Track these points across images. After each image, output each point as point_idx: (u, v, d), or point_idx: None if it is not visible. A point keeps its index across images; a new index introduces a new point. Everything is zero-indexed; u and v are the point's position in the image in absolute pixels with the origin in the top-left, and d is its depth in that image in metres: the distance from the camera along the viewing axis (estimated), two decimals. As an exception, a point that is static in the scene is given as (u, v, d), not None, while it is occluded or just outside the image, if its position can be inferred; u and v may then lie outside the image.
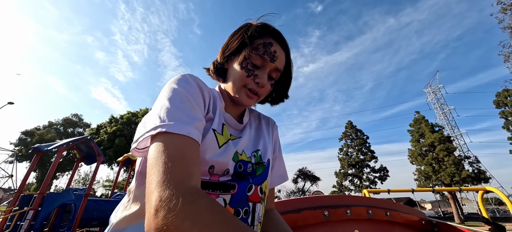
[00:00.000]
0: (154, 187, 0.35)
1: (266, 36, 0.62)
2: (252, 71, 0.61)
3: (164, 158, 0.39)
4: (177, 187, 0.34)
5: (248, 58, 0.61)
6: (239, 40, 0.64)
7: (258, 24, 0.65)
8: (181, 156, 0.40)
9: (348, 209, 0.87)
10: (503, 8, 17.31)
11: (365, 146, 32.72)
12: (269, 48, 0.61)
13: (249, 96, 0.62)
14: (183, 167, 0.38)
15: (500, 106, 27.67)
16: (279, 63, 0.63)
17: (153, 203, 0.33)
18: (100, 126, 25.89)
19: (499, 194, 4.43)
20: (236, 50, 0.64)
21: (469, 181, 24.44)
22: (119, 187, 28.62)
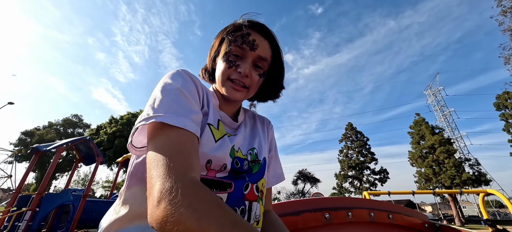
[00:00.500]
0: (155, 180, 0.35)
1: (243, 29, 0.63)
2: (234, 62, 0.61)
3: (163, 150, 0.39)
4: (177, 179, 0.34)
5: (228, 51, 0.62)
6: (220, 39, 0.66)
7: (236, 21, 0.66)
8: (178, 148, 0.40)
9: (349, 212, 0.85)
10: (503, 10, 17.34)
11: (365, 148, 32.66)
12: (247, 37, 0.61)
13: (235, 89, 0.62)
14: (183, 159, 0.39)
15: (501, 108, 27.62)
16: (261, 51, 0.62)
17: (155, 195, 0.33)
18: (100, 127, 25.89)
19: (500, 196, 4.40)
20: (218, 49, 0.66)
21: (470, 183, 24.35)
22: (118, 188, 28.60)
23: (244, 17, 0.67)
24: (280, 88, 0.73)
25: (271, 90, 0.72)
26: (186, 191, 0.33)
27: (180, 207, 0.31)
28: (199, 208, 0.31)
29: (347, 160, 32.65)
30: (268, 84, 0.70)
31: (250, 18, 0.66)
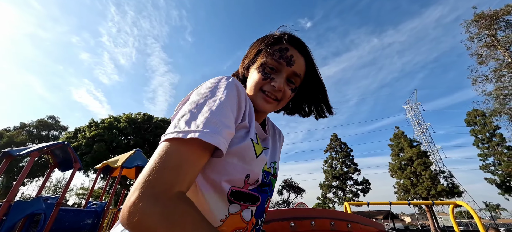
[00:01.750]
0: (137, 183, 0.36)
1: (282, 43, 0.64)
2: (269, 75, 0.62)
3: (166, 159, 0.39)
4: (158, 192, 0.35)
5: (264, 63, 0.63)
6: (256, 49, 0.67)
7: (275, 33, 0.68)
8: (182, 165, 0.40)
9: (312, 221, 0.96)
10: (470, 37, 19.14)
11: (349, 159, 33.62)
12: (285, 52, 0.62)
13: (267, 101, 0.62)
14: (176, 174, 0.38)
15: (470, 124, 29.87)
16: (297, 68, 0.63)
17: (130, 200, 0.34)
18: (79, 130, 24.58)
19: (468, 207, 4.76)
20: (254, 59, 0.67)
21: (444, 194, 25.74)
22: (94, 196, 26.98)
23: (281, 29, 0.69)
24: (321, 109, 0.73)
25: (300, 105, 0.75)
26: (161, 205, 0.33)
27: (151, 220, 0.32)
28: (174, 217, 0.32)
29: (332, 171, 33.36)
30: (299, 101, 0.74)
31: (289, 32, 0.67)
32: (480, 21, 18.55)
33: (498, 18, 17.66)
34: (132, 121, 26.04)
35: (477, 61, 18.40)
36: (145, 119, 26.96)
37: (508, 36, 17.12)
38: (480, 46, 18.44)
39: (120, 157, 7.58)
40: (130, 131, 25.23)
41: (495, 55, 17.63)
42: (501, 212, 49.89)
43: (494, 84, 17.02)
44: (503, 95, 16.36)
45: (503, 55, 17.19)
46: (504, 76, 16.72)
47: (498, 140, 26.82)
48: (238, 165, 0.52)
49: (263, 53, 0.64)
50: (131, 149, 20.06)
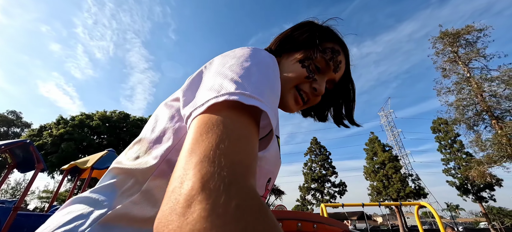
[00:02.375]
0: (196, 168, 0.21)
1: (335, 42, 0.56)
2: (313, 74, 0.53)
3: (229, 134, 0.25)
4: (232, 180, 0.21)
5: (313, 58, 0.53)
6: (307, 35, 0.56)
7: (330, 27, 0.59)
8: (250, 143, 0.27)
9: (280, 223, 1.00)
10: (437, 52, 21.13)
11: (328, 162, 34.87)
12: (336, 56, 0.54)
13: (297, 101, 0.54)
14: (249, 157, 0.25)
15: (435, 131, 32.66)
16: (339, 75, 0.57)
17: (187, 190, 0.20)
18: (44, 127, 22.58)
19: (430, 208, 5.19)
20: (301, 45, 0.55)
21: (412, 196, 27.75)
22: (60, 199, 24.86)
23: (329, 23, 0.60)
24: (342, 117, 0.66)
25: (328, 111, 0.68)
26: (244, 202, 0.19)
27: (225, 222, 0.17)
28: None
29: (311, 173, 34.33)
30: (323, 106, 0.68)
31: (338, 32, 0.59)
32: (445, 38, 20.51)
33: (460, 36, 19.67)
34: (106, 119, 24.53)
35: (442, 74, 20.30)
36: (121, 118, 25.56)
37: (467, 53, 19.12)
38: (444, 60, 20.38)
39: (91, 157, 7.11)
40: (104, 130, 23.75)
41: (457, 70, 19.59)
42: (460, 212, 55.00)
43: (455, 95, 18.87)
44: (462, 106, 18.15)
45: (463, 70, 19.16)
46: (463, 89, 18.61)
47: (458, 147, 29.65)
48: (264, 167, 0.43)
49: (314, 46, 0.54)
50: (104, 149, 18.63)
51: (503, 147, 15.17)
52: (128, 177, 0.39)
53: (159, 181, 0.37)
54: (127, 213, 0.34)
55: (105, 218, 0.33)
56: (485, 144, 16.48)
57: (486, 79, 17.54)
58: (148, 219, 0.35)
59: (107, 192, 0.38)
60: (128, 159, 0.42)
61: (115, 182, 0.39)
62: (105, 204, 0.35)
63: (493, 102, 16.88)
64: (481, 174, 16.76)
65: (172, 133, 0.40)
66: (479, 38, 19.01)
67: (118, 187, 0.38)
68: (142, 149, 0.41)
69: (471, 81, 18.12)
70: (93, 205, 0.36)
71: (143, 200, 0.36)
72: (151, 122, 0.46)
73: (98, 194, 0.38)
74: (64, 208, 0.38)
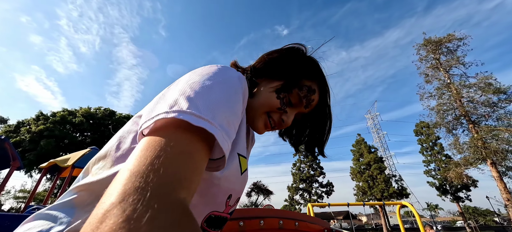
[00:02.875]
0: (121, 183, 0.22)
1: (314, 80, 0.59)
2: (285, 107, 0.56)
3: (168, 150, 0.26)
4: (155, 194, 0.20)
5: (288, 93, 0.56)
6: (290, 68, 0.58)
7: (314, 62, 0.62)
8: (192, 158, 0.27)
9: (261, 220, 1.02)
10: (420, 58, 22.05)
11: (316, 162, 35.44)
12: (311, 95, 0.57)
13: (266, 126, 0.58)
14: (186, 170, 0.25)
15: (418, 134, 34.09)
16: (308, 110, 0.60)
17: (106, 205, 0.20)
18: (22, 123, 21.33)
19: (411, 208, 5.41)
20: (282, 75, 0.57)
21: (395, 196, 28.80)
22: (37, 199, 23.64)
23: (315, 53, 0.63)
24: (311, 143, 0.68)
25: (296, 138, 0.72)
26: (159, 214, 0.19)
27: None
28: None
29: (299, 173, 34.76)
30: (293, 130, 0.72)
31: (320, 69, 0.61)
32: (428, 46, 21.45)
33: (442, 44, 20.64)
34: (90, 116, 23.57)
35: (425, 80, 21.21)
36: (106, 115, 24.65)
37: (448, 60, 20.11)
38: (427, 67, 21.31)
39: (72, 155, 6.81)
40: (87, 127, 22.80)
41: (438, 76, 20.53)
42: (439, 211, 57.73)
43: (437, 100, 19.80)
44: (442, 111, 19.06)
45: (444, 76, 20.13)
46: (444, 94, 19.55)
47: (438, 149, 31.13)
48: (223, 185, 0.42)
49: (293, 82, 0.56)
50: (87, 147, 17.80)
51: (478, 150, 16.09)
52: (87, 193, 0.39)
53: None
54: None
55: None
56: (463, 147, 17.41)
57: (465, 86, 18.54)
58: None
59: (66, 208, 0.38)
60: (92, 174, 0.43)
61: (74, 198, 0.39)
62: (63, 221, 0.36)
63: (471, 107, 17.86)
64: (459, 175, 17.69)
65: (130, 148, 0.42)
66: (459, 47, 20.05)
67: (77, 203, 0.39)
68: (107, 165, 0.41)
69: (451, 87, 19.07)
70: (52, 221, 0.36)
71: None
72: (117, 137, 0.46)
73: (57, 211, 0.38)
74: (25, 224, 0.38)
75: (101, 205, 0.20)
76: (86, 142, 22.01)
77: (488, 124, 16.77)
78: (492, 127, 16.24)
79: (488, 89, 16.78)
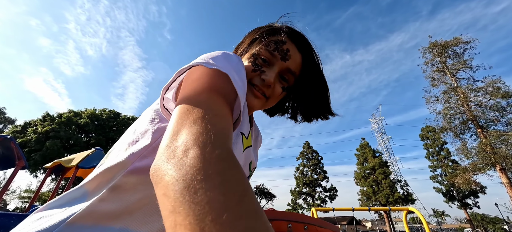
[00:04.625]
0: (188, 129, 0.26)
1: (280, 34, 0.57)
2: (260, 67, 0.55)
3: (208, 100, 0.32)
4: (215, 140, 0.25)
5: (257, 54, 0.56)
6: (251, 38, 0.60)
7: (274, 24, 0.62)
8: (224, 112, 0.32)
9: (270, 222, 0.96)
10: (426, 62, 21.80)
11: (319, 166, 35.11)
12: (281, 45, 0.55)
13: (255, 95, 0.55)
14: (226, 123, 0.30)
15: (424, 139, 33.53)
16: (292, 64, 0.56)
17: (183, 143, 0.25)
18: (29, 124, 21.68)
19: (418, 214, 5.27)
20: (247, 48, 0.60)
21: (400, 202, 28.27)
22: (41, 199, 23.85)
23: (282, 20, 0.62)
24: (312, 107, 0.63)
25: (297, 106, 0.66)
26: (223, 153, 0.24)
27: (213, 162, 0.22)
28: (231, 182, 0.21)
29: (302, 177, 34.43)
30: (293, 101, 0.67)
31: (290, 24, 0.60)
32: (434, 49, 21.20)
33: (448, 47, 20.39)
34: (95, 118, 23.83)
35: (431, 83, 20.91)
36: (111, 116, 24.91)
37: (455, 64, 19.82)
38: (433, 70, 21.03)
39: (76, 155, 6.84)
40: (92, 129, 23.06)
41: (445, 80, 20.25)
42: (445, 218, 56.45)
43: (443, 104, 19.46)
44: (449, 115, 18.74)
45: (451, 80, 19.83)
46: (451, 98, 19.23)
47: (445, 154, 30.53)
48: None
49: (257, 43, 0.58)
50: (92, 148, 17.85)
51: (487, 156, 15.71)
52: (99, 177, 0.40)
53: (131, 178, 0.38)
54: (94, 211, 0.35)
55: (72, 219, 0.35)
56: (471, 152, 17.02)
57: (472, 90, 18.21)
58: (115, 215, 0.36)
59: (77, 194, 0.40)
60: (107, 158, 0.45)
61: (85, 184, 0.41)
62: (74, 206, 0.37)
63: (478, 111, 17.51)
64: (466, 181, 17.26)
65: (151, 133, 0.43)
66: (466, 50, 19.76)
67: (87, 188, 0.40)
68: (122, 148, 0.44)
69: (458, 91, 18.75)
70: (63, 207, 0.38)
71: (111, 195, 0.37)
72: (133, 125, 0.49)
73: (68, 197, 0.40)
74: (37, 212, 0.39)
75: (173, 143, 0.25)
76: (90, 143, 22.22)
77: (497, 129, 16.40)
78: (502, 132, 15.86)
79: (496, 93, 16.44)
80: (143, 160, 0.39)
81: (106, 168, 0.40)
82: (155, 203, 0.37)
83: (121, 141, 0.47)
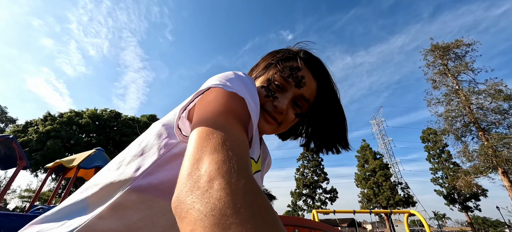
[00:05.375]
0: (210, 156, 0.26)
1: (295, 61, 0.57)
2: (273, 93, 0.55)
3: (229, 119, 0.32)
4: (239, 167, 0.25)
5: (271, 79, 0.56)
6: (267, 62, 0.60)
7: (291, 48, 0.62)
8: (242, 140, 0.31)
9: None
10: (427, 64, 21.77)
11: (320, 168, 35.01)
12: (295, 72, 0.55)
13: (267, 120, 0.54)
14: (245, 154, 0.29)
15: (425, 141, 33.41)
16: (306, 91, 0.56)
17: (206, 171, 0.24)
18: (30, 123, 21.72)
19: (420, 217, 5.25)
20: (262, 72, 0.59)
21: (401, 204, 28.15)
22: (42, 199, 23.89)
23: (300, 45, 0.63)
24: (324, 138, 0.61)
25: (307, 135, 0.65)
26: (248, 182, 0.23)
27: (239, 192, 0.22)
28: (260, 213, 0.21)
29: (303, 179, 34.34)
30: (305, 128, 0.66)
31: (306, 49, 0.60)
32: (435, 51, 21.17)
33: (449, 50, 20.36)
34: (96, 118, 23.87)
35: (432, 86, 20.88)
36: (112, 116, 24.93)
37: (456, 66, 19.78)
38: (435, 72, 21.00)
39: (77, 156, 6.84)
40: (93, 129, 23.09)
41: (446, 82, 20.20)
42: (446, 221, 56.18)
43: (445, 107, 19.43)
44: (451, 117, 18.68)
45: (452, 82, 19.78)
46: (452, 100, 19.19)
47: (446, 156, 30.41)
48: None
49: (272, 67, 0.57)
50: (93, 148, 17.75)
51: (488, 158, 15.64)
52: (100, 191, 0.40)
53: (133, 195, 0.38)
54: (93, 230, 0.35)
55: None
56: (472, 155, 16.95)
57: (474, 92, 18.16)
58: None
59: (76, 207, 0.39)
60: (109, 170, 0.44)
61: (85, 197, 0.40)
62: (72, 220, 0.37)
63: (480, 114, 17.45)
64: (468, 184, 17.19)
65: (157, 149, 0.42)
66: (467, 53, 19.73)
67: (87, 201, 0.40)
68: (125, 161, 0.43)
69: (460, 93, 18.71)
70: (60, 221, 0.37)
71: (111, 213, 0.37)
72: (139, 138, 0.49)
73: (66, 210, 0.40)
74: (32, 225, 0.39)
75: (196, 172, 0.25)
76: (91, 143, 22.25)
77: (499, 132, 16.35)
78: (504, 134, 15.80)
79: (498, 95, 16.39)
80: (147, 178, 0.39)
81: (108, 183, 0.39)
82: (157, 224, 0.38)
83: (125, 152, 0.46)
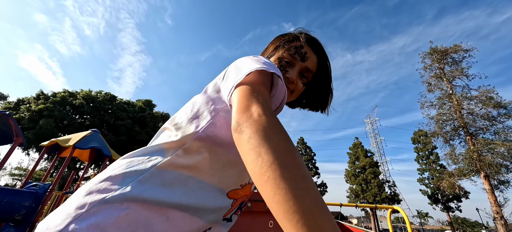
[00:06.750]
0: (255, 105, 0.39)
1: (299, 41, 0.71)
2: (284, 68, 0.69)
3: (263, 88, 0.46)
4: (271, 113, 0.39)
5: (281, 57, 0.70)
6: (275, 45, 0.74)
7: (293, 32, 0.76)
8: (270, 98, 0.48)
9: (271, 221, 1.08)
10: (425, 67, 22.00)
11: (311, 162, 35.69)
12: (300, 49, 0.70)
13: None
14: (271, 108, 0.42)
15: (415, 142, 34.25)
16: (309, 64, 0.70)
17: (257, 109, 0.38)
18: (22, 101, 21.27)
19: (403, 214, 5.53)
20: (272, 53, 0.74)
21: (387, 201, 29.14)
22: (34, 178, 23.74)
23: (299, 29, 0.77)
24: (322, 100, 0.80)
25: (312, 99, 0.81)
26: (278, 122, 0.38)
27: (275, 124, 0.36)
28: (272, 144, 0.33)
29: (295, 172, 34.96)
30: (309, 94, 0.79)
31: (305, 32, 0.76)
32: (433, 55, 21.40)
33: (447, 54, 20.60)
34: (91, 99, 23.51)
35: (427, 89, 21.21)
36: (107, 99, 24.58)
37: (452, 71, 20.10)
38: (431, 76, 21.29)
39: (73, 136, 6.87)
40: (87, 110, 22.77)
41: (441, 86, 20.55)
42: (428, 219, 58.48)
43: (437, 110, 19.85)
44: (442, 120, 19.15)
45: (447, 86, 20.15)
46: (445, 104, 19.60)
47: (434, 158, 31.33)
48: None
49: (280, 48, 0.71)
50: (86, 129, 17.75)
51: (473, 162, 16.25)
52: (173, 141, 0.52)
53: (196, 143, 0.52)
54: (173, 162, 0.49)
55: (160, 165, 0.48)
56: (458, 157, 17.56)
57: (466, 97, 18.58)
58: (189, 167, 0.50)
59: (156, 149, 0.52)
60: (174, 124, 0.57)
61: (163, 144, 0.53)
62: (157, 157, 0.50)
63: (470, 119, 17.94)
64: (451, 185, 17.88)
65: (208, 113, 0.55)
66: (464, 58, 19.99)
67: (165, 147, 0.52)
68: (184, 123, 0.56)
69: (453, 98, 19.11)
70: (147, 156, 0.50)
71: (184, 154, 0.51)
72: (189, 106, 0.60)
73: (149, 150, 0.52)
74: (123, 159, 0.51)
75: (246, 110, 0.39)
76: (85, 125, 22.04)
77: (485, 137, 16.90)
78: (489, 140, 16.37)
79: (488, 102, 16.83)
80: (205, 131, 0.53)
81: (178, 139, 0.53)
82: (215, 160, 0.53)
83: (179, 118, 0.59)
